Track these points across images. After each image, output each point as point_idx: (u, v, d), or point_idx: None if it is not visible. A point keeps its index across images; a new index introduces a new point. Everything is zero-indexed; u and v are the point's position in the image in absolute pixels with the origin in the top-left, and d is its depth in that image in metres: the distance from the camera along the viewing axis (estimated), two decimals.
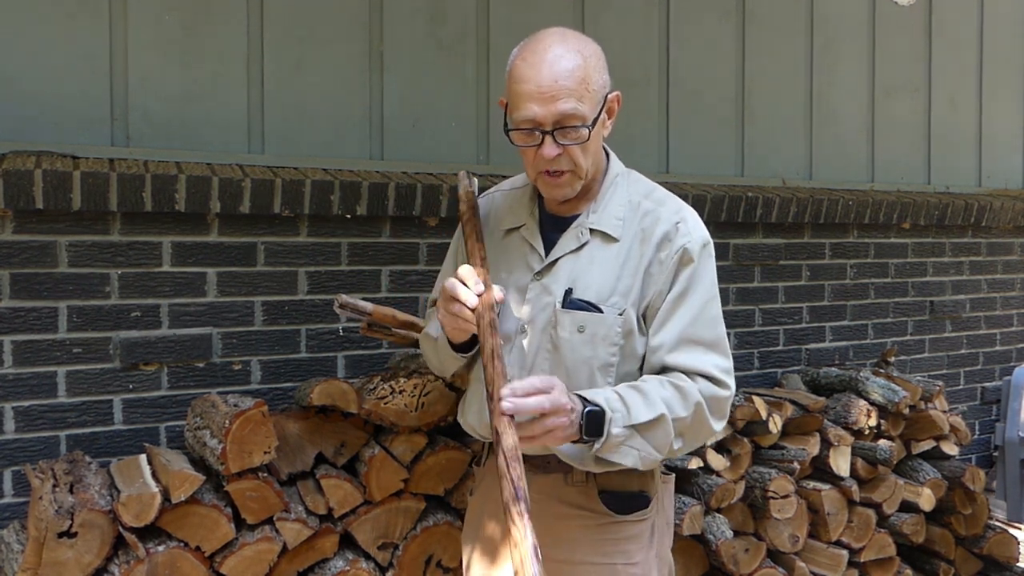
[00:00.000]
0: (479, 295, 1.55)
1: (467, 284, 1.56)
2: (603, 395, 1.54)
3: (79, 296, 2.35)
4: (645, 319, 1.65)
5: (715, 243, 1.72)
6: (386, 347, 2.73)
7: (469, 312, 1.55)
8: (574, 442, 1.53)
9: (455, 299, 1.55)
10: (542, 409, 1.43)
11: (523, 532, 1.31)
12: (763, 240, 3.47)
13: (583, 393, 1.53)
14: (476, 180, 1.89)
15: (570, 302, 1.63)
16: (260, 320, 2.58)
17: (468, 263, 1.66)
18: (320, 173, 2.66)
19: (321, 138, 2.78)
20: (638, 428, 1.53)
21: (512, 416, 1.43)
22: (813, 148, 3.79)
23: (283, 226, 2.60)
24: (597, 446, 1.52)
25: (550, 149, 1.56)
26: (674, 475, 1.85)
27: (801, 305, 3.61)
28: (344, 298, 2.26)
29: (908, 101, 4.04)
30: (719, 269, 1.74)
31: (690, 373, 1.61)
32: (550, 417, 1.44)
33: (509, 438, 1.40)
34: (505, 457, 1.38)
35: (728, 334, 3.35)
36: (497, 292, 1.59)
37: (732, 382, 1.65)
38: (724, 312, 1.71)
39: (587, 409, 1.49)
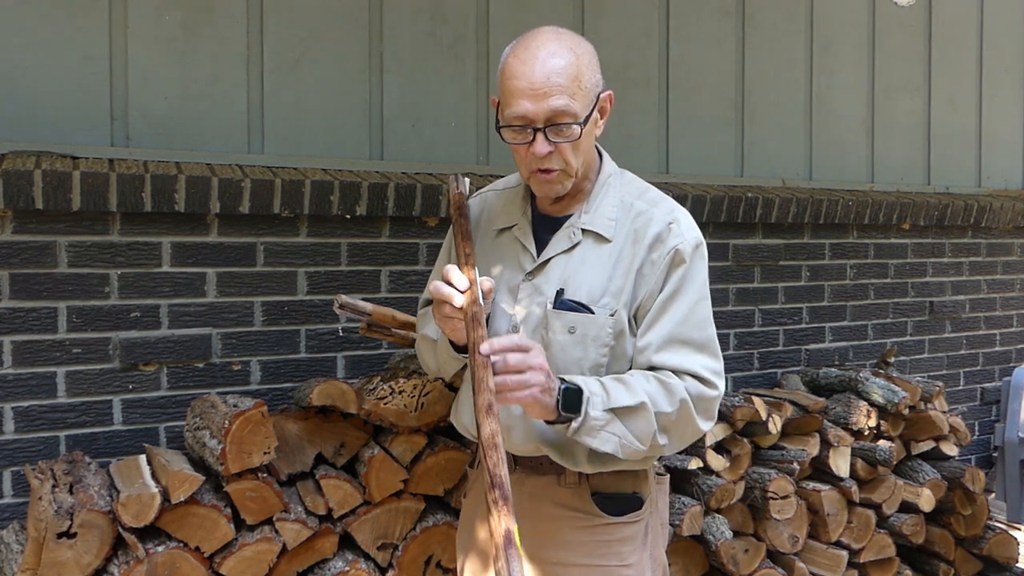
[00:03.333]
0: (464, 291, 1.55)
1: (452, 283, 1.55)
2: (581, 379, 1.54)
3: (79, 296, 2.35)
4: (636, 320, 1.64)
5: (715, 243, 1.72)
6: (386, 347, 2.73)
7: (458, 310, 1.55)
8: (551, 423, 1.53)
9: (443, 300, 1.55)
10: (520, 365, 1.45)
11: (497, 519, 1.29)
12: (763, 240, 3.47)
13: (561, 376, 1.54)
14: (467, 181, 1.88)
15: (561, 303, 1.62)
16: (260, 320, 2.58)
17: (456, 263, 1.66)
18: (320, 173, 2.66)
19: (321, 138, 2.78)
20: (617, 413, 1.52)
21: (491, 361, 1.45)
22: (813, 148, 3.79)
23: (283, 226, 2.60)
24: (575, 425, 1.50)
25: (541, 146, 1.56)
26: (668, 476, 1.84)
27: (801, 305, 3.61)
28: (344, 298, 2.26)
29: (908, 101, 4.04)
30: (719, 269, 1.74)
31: (678, 372, 1.60)
32: (526, 372, 1.45)
33: (487, 428, 1.39)
34: (483, 446, 1.38)
35: (728, 334, 3.41)
36: (485, 283, 1.58)
37: (721, 383, 1.64)
38: (724, 312, 1.71)
39: (564, 386, 1.50)
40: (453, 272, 1.56)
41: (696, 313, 1.63)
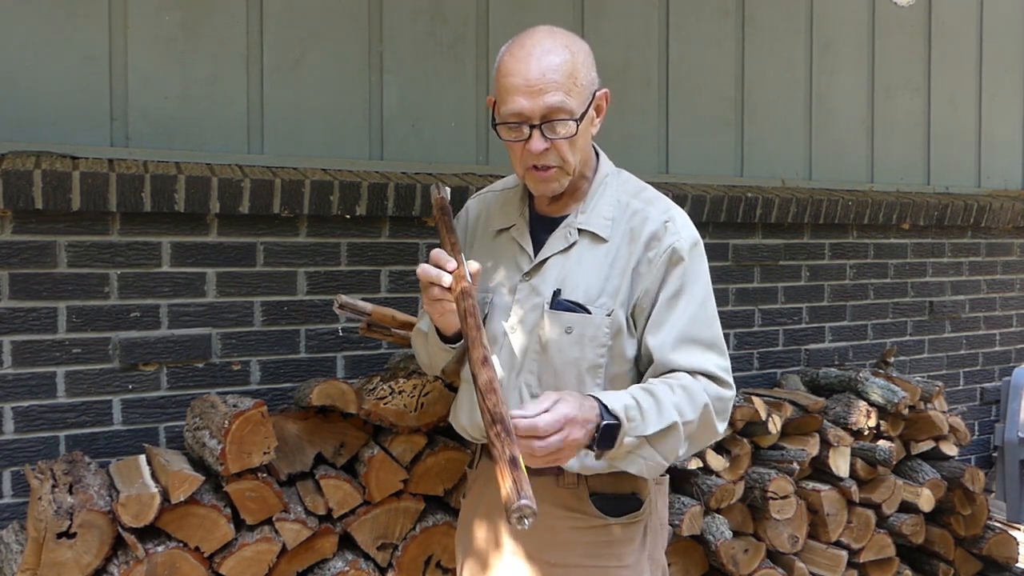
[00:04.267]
0: (451, 271, 1.55)
1: (439, 264, 1.56)
2: (623, 402, 1.47)
3: (78, 296, 2.35)
4: (634, 319, 1.64)
5: (714, 243, 1.72)
6: (385, 347, 2.73)
7: (447, 291, 1.55)
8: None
9: (431, 283, 1.55)
10: (560, 442, 1.36)
11: (501, 448, 1.25)
12: (762, 240, 3.47)
13: (602, 398, 1.46)
14: (448, 190, 1.91)
15: (558, 303, 1.62)
16: (259, 320, 2.58)
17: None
18: (319, 173, 2.66)
19: (320, 138, 2.78)
20: (649, 439, 1.48)
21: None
22: (813, 148, 3.78)
23: (282, 226, 2.60)
24: (606, 453, 1.46)
25: (537, 143, 1.56)
26: (667, 476, 1.83)
27: (801, 305, 3.61)
28: (343, 298, 2.26)
29: (908, 101, 4.04)
30: (719, 269, 1.74)
31: (693, 372, 1.58)
32: (566, 429, 1.37)
33: (483, 376, 1.38)
34: (480, 392, 1.36)
35: (728, 334, 3.41)
36: (472, 264, 1.58)
37: (733, 382, 1.63)
38: (724, 312, 1.71)
39: (604, 423, 1.43)
40: (440, 254, 1.57)
41: (703, 311, 1.63)
